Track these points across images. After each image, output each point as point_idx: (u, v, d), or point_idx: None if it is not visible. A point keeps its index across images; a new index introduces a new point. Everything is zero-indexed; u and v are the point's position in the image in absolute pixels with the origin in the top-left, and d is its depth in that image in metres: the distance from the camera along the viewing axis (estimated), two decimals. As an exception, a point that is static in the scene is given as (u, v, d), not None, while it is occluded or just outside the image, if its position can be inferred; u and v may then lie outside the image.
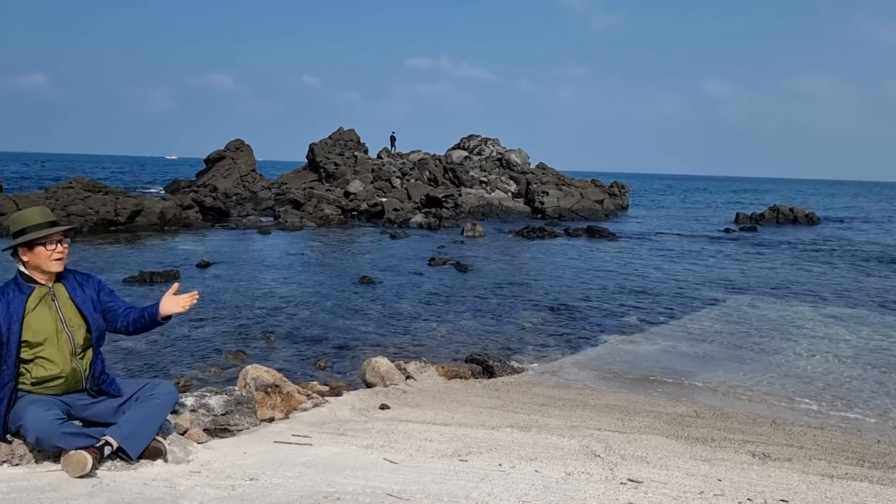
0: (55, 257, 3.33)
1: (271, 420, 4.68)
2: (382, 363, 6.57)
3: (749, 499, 3.38)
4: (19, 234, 3.31)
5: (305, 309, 10.67)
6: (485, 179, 34.53)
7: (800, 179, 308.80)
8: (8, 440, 3.25)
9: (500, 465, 3.64)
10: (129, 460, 3.28)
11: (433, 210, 28.84)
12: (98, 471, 3.13)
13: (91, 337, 3.41)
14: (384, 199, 29.78)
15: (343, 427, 4.50)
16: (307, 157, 37.39)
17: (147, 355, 7.73)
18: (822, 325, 10.42)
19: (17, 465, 3.19)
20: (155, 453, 3.36)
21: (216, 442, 3.91)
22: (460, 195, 32.42)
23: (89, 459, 3.06)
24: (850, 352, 8.80)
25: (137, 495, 2.85)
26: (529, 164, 37.34)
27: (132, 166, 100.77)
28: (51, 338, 3.28)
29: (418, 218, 26.79)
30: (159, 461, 3.36)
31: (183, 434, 3.81)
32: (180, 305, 3.48)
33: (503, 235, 23.86)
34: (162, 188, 40.41)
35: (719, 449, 4.71)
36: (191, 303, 3.50)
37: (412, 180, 33.88)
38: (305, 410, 5.05)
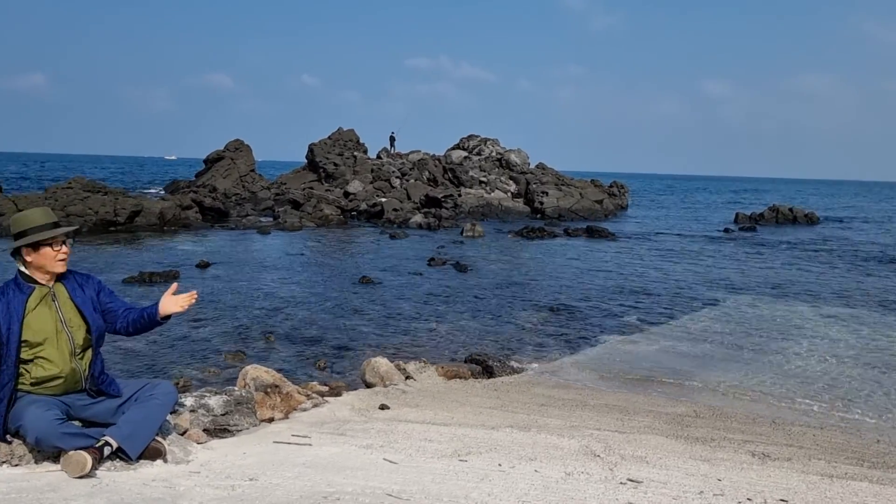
0: (60, 258, 3.35)
1: (271, 420, 4.68)
2: (382, 363, 6.57)
3: (749, 498, 3.38)
4: (22, 235, 3.30)
5: (305, 309, 10.67)
6: (484, 179, 34.54)
7: (800, 179, 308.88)
8: (7, 440, 3.25)
9: (500, 465, 3.64)
10: (129, 461, 3.28)
11: (433, 210, 28.84)
12: (98, 471, 3.13)
13: (91, 337, 3.41)
14: (384, 200, 29.79)
15: (343, 427, 4.50)
16: (306, 158, 37.41)
17: (146, 355, 7.72)
18: (822, 325, 10.42)
19: (17, 466, 3.19)
20: (154, 454, 3.36)
21: (216, 442, 3.91)
22: (460, 195, 32.43)
23: (89, 460, 3.06)
24: (850, 352, 8.80)
25: (137, 496, 2.85)
26: (529, 165, 37.36)
27: (131, 166, 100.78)
28: (50, 338, 3.27)
29: (418, 218, 26.80)
30: (159, 461, 3.36)
31: (182, 434, 3.81)
32: (179, 305, 3.48)
33: (503, 235, 23.86)
34: (161, 188, 40.42)
35: (719, 449, 4.71)
36: (190, 302, 3.50)
37: (412, 180, 33.90)
38: (305, 411, 5.05)
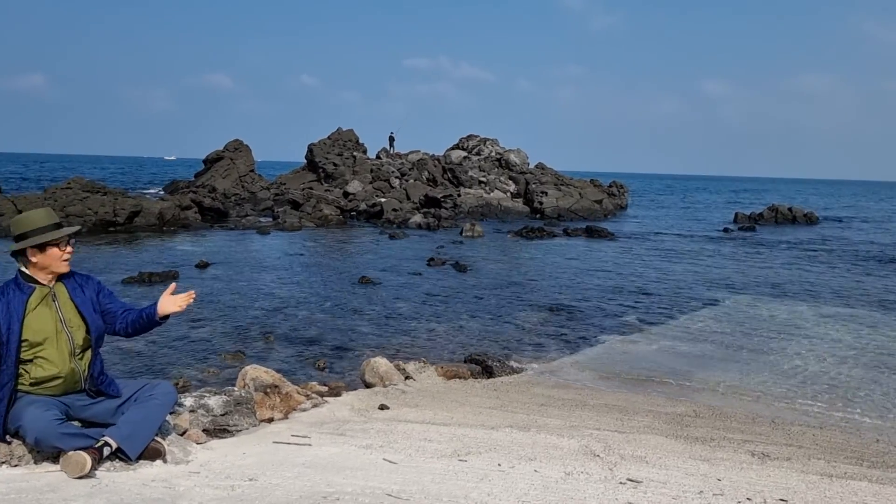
0: (65, 258, 3.38)
1: (270, 420, 4.68)
2: (381, 363, 6.57)
3: (748, 498, 3.38)
4: (26, 237, 3.31)
5: (304, 309, 10.67)
6: (484, 179, 34.55)
7: (800, 179, 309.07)
8: (7, 441, 3.25)
9: (500, 465, 3.64)
10: (129, 461, 3.28)
11: (432, 210, 28.84)
12: (97, 471, 3.13)
13: (90, 338, 3.41)
14: (383, 200, 29.79)
15: (342, 427, 4.50)
16: (306, 158, 37.40)
17: (146, 356, 7.72)
18: (821, 325, 10.43)
19: (16, 466, 3.18)
20: (154, 454, 3.36)
21: (215, 442, 3.91)
22: (459, 195, 32.42)
23: (88, 460, 3.06)
24: (849, 351, 8.81)
25: (136, 496, 2.85)
26: (528, 164, 37.36)
27: (131, 167, 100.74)
28: (50, 338, 3.28)
29: (417, 218, 26.80)
30: (158, 462, 3.36)
31: (182, 434, 3.81)
32: (178, 305, 3.49)
33: (502, 235, 23.86)
34: (160, 189, 40.40)
35: (718, 448, 4.71)
36: (188, 302, 3.51)
37: (411, 180, 33.90)
38: (304, 411, 5.05)
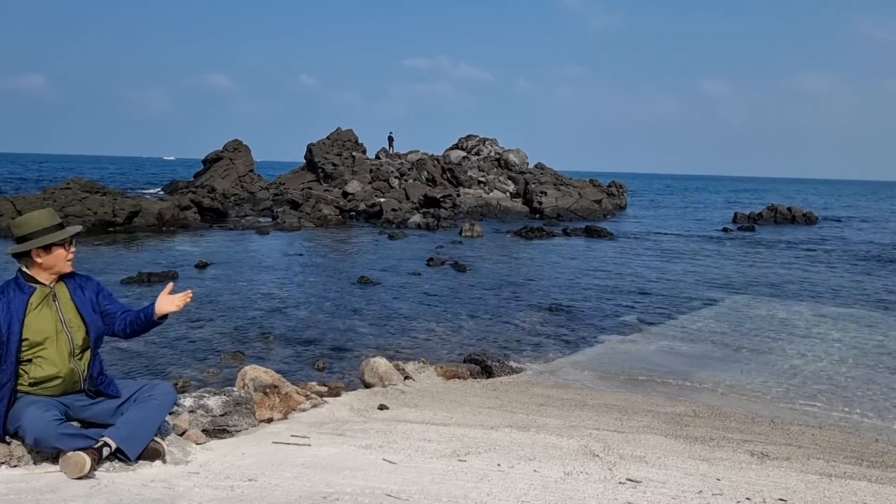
0: (69, 258, 3.42)
1: (270, 421, 4.68)
2: (381, 363, 6.57)
3: (748, 498, 3.38)
4: (29, 238, 3.31)
5: (303, 309, 10.67)
6: (483, 179, 34.55)
7: (799, 179, 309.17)
8: (7, 441, 3.25)
9: (499, 465, 3.65)
10: (128, 461, 3.28)
11: (431, 210, 28.84)
12: (96, 472, 3.13)
13: (89, 339, 3.42)
14: (382, 200, 29.79)
15: (342, 427, 4.51)
16: (305, 158, 37.40)
17: (145, 356, 7.72)
18: (820, 325, 10.43)
19: (16, 467, 3.18)
20: (153, 454, 3.36)
21: (215, 443, 3.91)
22: (458, 195, 32.42)
23: (88, 461, 3.06)
24: (848, 351, 8.81)
25: (136, 496, 2.85)
26: (528, 164, 37.38)
27: (130, 167, 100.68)
28: (51, 338, 3.28)
29: (416, 218, 26.79)
30: (158, 462, 3.36)
31: (181, 435, 3.81)
32: (175, 304, 3.50)
33: (501, 235, 23.87)
34: (160, 189, 40.38)
35: (718, 448, 4.71)
36: (185, 301, 3.52)
37: (410, 180, 33.90)
38: (304, 411, 5.05)
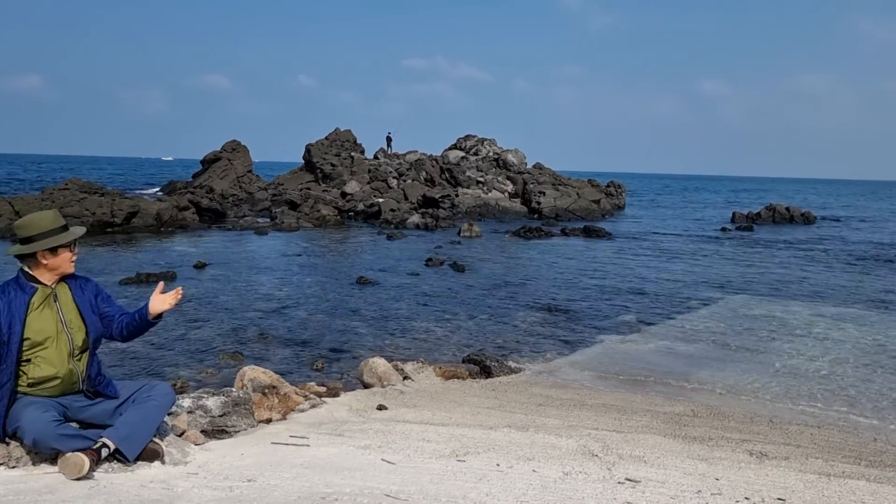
0: (73, 259, 3.44)
1: (269, 421, 4.67)
2: (380, 364, 6.57)
3: (746, 497, 3.39)
4: (35, 239, 3.31)
5: (302, 310, 10.66)
6: (481, 180, 34.55)
7: (799, 179, 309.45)
8: (6, 442, 3.25)
9: (498, 465, 3.65)
10: (127, 462, 3.28)
11: (430, 210, 28.83)
12: (95, 473, 3.13)
13: (89, 339, 3.42)
14: (381, 200, 29.78)
15: (340, 428, 4.50)
16: (304, 158, 37.37)
17: (144, 356, 7.71)
18: (819, 325, 10.44)
19: (14, 468, 3.18)
20: (152, 455, 3.36)
21: (213, 443, 3.91)
22: (457, 195, 32.42)
23: (86, 461, 3.06)
24: (847, 351, 8.82)
25: (135, 497, 2.85)
26: (526, 165, 37.38)
27: (128, 168, 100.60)
28: (51, 338, 3.29)
29: (415, 218, 26.79)
30: (156, 463, 3.36)
31: (180, 436, 3.81)
32: (168, 303, 3.51)
33: (500, 236, 23.87)
34: (158, 189, 40.35)
35: (717, 448, 4.71)
36: (176, 299, 3.53)
37: (409, 181, 33.89)
38: (303, 411, 5.05)
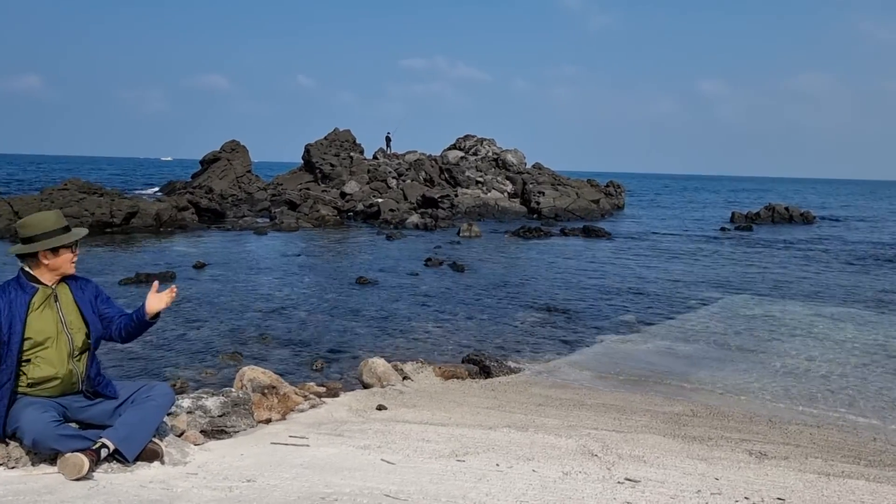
0: (74, 260, 3.45)
1: (268, 421, 4.67)
2: (379, 364, 6.57)
3: (746, 497, 3.39)
4: (38, 239, 3.31)
5: (302, 310, 10.66)
6: (481, 180, 34.55)
7: (798, 179, 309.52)
8: (6, 443, 3.25)
9: (498, 465, 3.65)
10: (126, 462, 3.27)
11: (429, 210, 28.83)
12: (95, 473, 3.13)
13: (89, 340, 3.42)
14: (380, 200, 29.77)
15: (340, 428, 4.50)
16: (303, 158, 37.37)
17: (143, 357, 7.71)
18: (818, 324, 10.45)
19: (14, 468, 3.18)
20: (151, 455, 3.36)
21: (213, 443, 3.91)
22: (456, 195, 32.42)
23: (86, 462, 3.06)
24: (846, 351, 8.83)
25: (134, 497, 2.85)
26: (525, 165, 37.39)
27: (128, 168, 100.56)
28: (51, 338, 3.29)
29: (414, 218, 26.79)
30: (156, 463, 3.36)
31: (179, 436, 3.81)
32: (163, 302, 3.51)
33: (499, 236, 23.87)
34: (157, 190, 40.33)
35: (716, 448, 4.71)
36: (171, 297, 3.53)
37: (408, 181, 33.89)
38: (302, 412, 5.05)
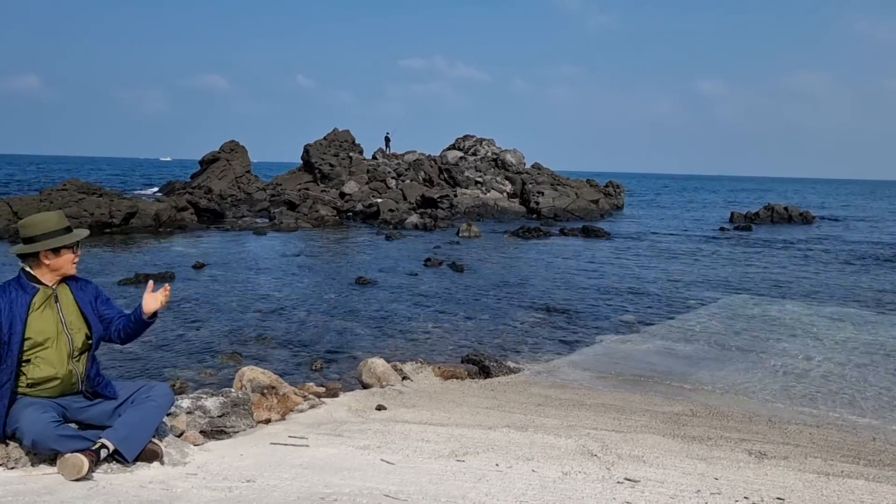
0: (75, 261, 3.45)
1: (268, 422, 4.67)
2: (378, 364, 6.57)
3: (746, 497, 3.39)
4: (39, 239, 3.31)
5: (301, 310, 10.66)
6: (480, 180, 34.56)
7: (798, 178, 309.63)
8: (5, 443, 3.24)
9: (497, 465, 3.65)
10: (126, 463, 3.27)
11: (429, 211, 28.83)
12: (94, 473, 3.13)
13: (89, 340, 3.42)
14: (379, 200, 29.77)
15: (340, 428, 4.50)
16: (302, 158, 37.38)
17: (142, 357, 7.71)
18: (817, 324, 10.45)
19: (13, 469, 3.18)
20: (151, 456, 3.36)
21: (212, 444, 3.91)
22: (456, 196, 32.42)
23: (85, 462, 3.06)
24: (845, 350, 8.83)
25: (134, 498, 2.85)
26: (524, 165, 37.40)
27: (127, 168, 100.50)
28: (51, 338, 3.29)
29: (414, 218, 26.79)
30: (155, 463, 3.36)
31: (179, 436, 3.81)
32: (159, 301, 3.52)
33: (499, 236, 23.87)
34: (157, 190, 40.32)
35: (716, 447, 4.72)
36: (165, 296, 3.54)
37: (407, 181, 33.89)
38: (302, 412, 5.05)
